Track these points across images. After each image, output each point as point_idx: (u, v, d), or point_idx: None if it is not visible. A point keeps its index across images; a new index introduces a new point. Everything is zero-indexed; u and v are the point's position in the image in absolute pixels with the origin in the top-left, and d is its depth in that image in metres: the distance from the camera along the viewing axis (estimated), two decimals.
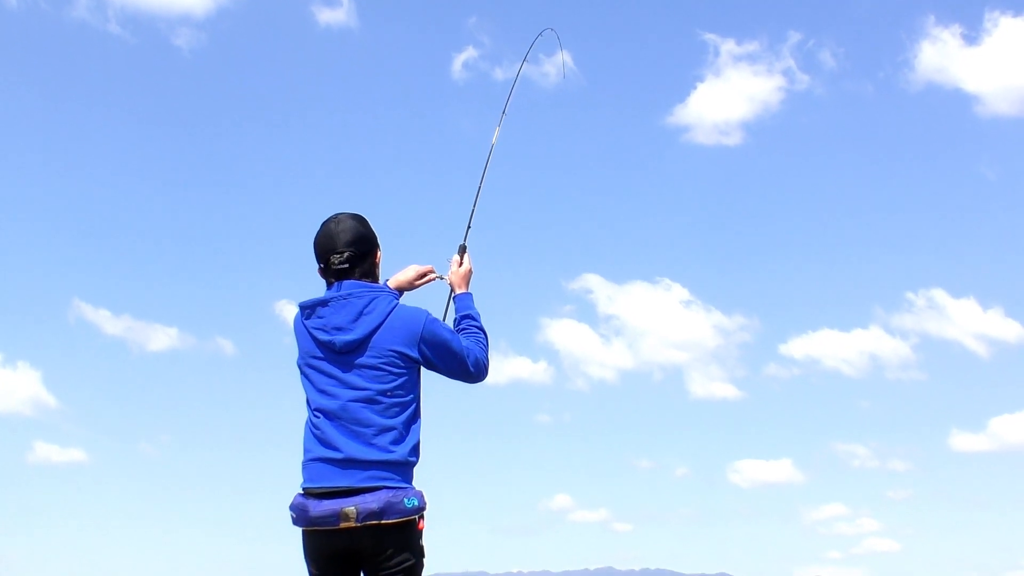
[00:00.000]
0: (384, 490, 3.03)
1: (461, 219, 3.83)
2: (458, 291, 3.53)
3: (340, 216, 3.27)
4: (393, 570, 3.05)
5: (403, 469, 3.11)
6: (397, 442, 3.10)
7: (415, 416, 3.19)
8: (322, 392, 3.16)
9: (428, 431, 3.24)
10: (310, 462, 3.13)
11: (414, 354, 3.15)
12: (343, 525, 2.99)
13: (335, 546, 3.06)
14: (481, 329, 3.40)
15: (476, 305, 3.50)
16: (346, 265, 3.19)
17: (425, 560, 3.14)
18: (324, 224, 3.27)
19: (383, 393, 3.10)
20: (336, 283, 3.22)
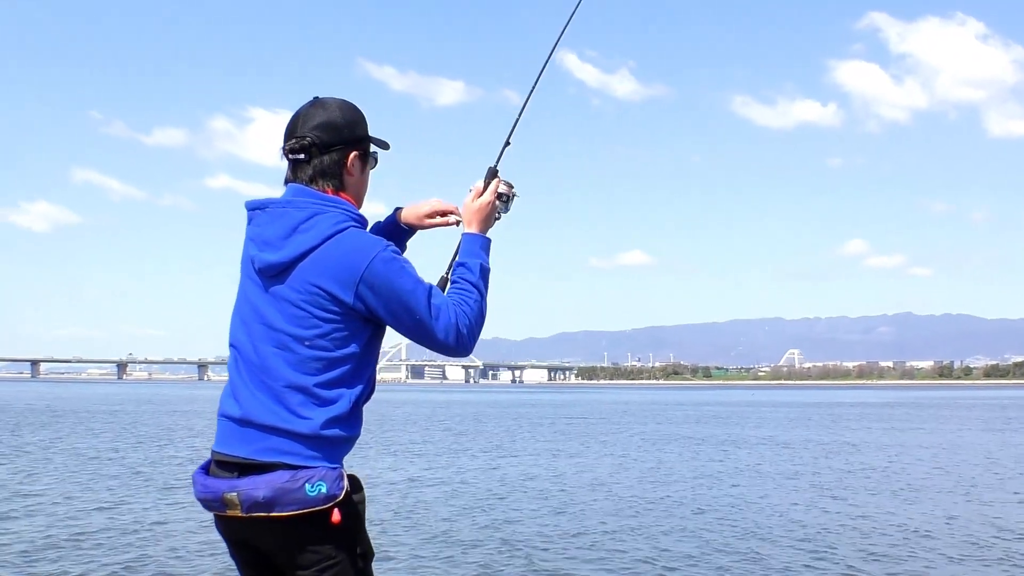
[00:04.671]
0: (280, 471, 2.24)
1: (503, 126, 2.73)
2: (467, 229, 2.54)
3: (325, 98, 2.45)
4: (307, 573, 2.28)
5: (314, 444, 2.28)
6: (308, 407, 2.28)
7: (347, 380, 2.32)
8: (242, 322, 2.39)
9: (699, 183, 1.97)
10: (219, 418, 2.41)
11: (347, 299, 2.27)
12: (230, 513, 2.29)
13: (234, 534, 2.37)
14: (475, 286, 2.40)
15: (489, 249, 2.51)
16: (300, 156, 2.38)
17: (359, 559, 2.32)
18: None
19: (300, 340, 2.28)
20: (288, 183, 2.44)
